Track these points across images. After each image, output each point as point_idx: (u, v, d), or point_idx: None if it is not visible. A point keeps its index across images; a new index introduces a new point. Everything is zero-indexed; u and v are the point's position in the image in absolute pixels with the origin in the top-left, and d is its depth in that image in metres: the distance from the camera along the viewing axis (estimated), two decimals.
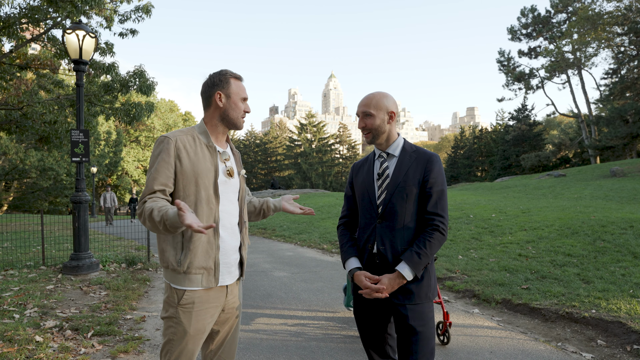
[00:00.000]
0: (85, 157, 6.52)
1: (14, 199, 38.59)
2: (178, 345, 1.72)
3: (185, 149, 1.74)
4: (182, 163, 1.71)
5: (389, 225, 1.91)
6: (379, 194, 1.96)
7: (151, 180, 1.70)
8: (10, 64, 11.00)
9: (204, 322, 1.75)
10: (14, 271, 6.37)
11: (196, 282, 1.72)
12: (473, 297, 5.12)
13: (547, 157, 41.22)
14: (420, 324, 1.86)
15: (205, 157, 1.78)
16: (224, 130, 1.89)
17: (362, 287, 1.89)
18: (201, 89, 1.88)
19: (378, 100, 1.97)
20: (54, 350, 3.29)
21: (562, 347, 3.56)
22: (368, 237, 1.97)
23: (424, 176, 1.91)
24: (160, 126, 53.67)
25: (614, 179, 20.27)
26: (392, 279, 1.84)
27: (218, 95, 1.83)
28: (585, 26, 34.68)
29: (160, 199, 1.67)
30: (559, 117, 53.55)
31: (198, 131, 1.83)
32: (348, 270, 2.00)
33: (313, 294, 5.40)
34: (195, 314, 1.72)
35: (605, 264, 5.72)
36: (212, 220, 1.76)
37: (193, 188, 1.73)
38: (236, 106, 1.85)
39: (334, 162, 64.47)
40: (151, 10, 10.68)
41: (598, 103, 37.83)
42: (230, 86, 1.84)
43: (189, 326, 1.71)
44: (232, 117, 1.85)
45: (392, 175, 1.95)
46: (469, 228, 9.17)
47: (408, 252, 1.86)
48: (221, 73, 1.86)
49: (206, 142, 1.81)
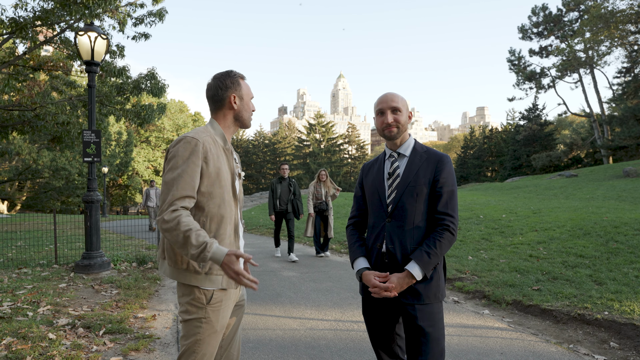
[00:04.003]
0: (97, 157, 6.60)
1: (27, 198, 39.19)
2: (206, 345, 1.74)
3: (211, 150, 1.75)
4: (209, 165, 1.72)
5: (399, 224, 1.91)
6: (389, 193, 1.96)
7: (182, 183, 1.64)
8: (24, 66, 11.17)
9: (226, 318, 1.82)
10: (27, 269, 6.47)
11: (217, 283, 1.75)
12: (483, 298, 5.09)
13: (559, 157, 40.70)
14: (429, 324, 1.84)
15: (223, 159, 1.80)
16: (234, 130, 1.93)
17: (371, 286, 1.88)
18: (210, 92, 1.86)
19: (402, 99, 2.02)
20: (66, 348, 3.34)
21: (574, 349, 3.52)
22: (377, 236, 1.97)
23: (435, 176, 1.91)
24: (170, 127, 54.08)
25: (627, 179, 19.96)
26: (401, 278, 1.83)
27: (233, 97, 1.86)
28: (597, 24, 34.16)
29: (189, 213, 1.65)
30: (570, 116, 52.87)
31: (214, 133, 1.84)
32: (356, 270, 2.00)
33: (322, 293, 5.41)
34: (222, 311, 1.77)
35: (618, 265, 5.64)
36: (232, 221, 1.82)
37: (217, 190, 1.74)
38: (248, 107, 1.92)
39: (342, 162, 64.38)
40: (165, 15, 10.75)
41: (611, 102, 37.30)
42: (242, 88, 1.89)
43: (216, 323, 1.75)
44: (245, 117, 1.92)
45: (403, 175, 1.95)
46: (479, 228, 9.10)
47: (418, 251, 1.85)
48: (230, 75, 1.87)
49: (223, 144, 1.83)
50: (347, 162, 65.39)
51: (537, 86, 43.81)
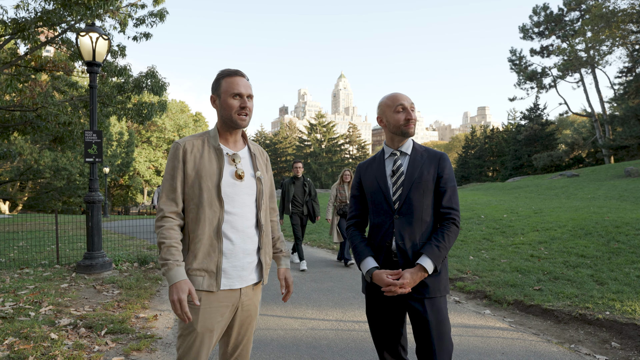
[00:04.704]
0: (99, 157, 6.61)
1: (28, 198, 39.25)
2: (187, 341, 1.75)
3: (192, 152, 1.80)
4: (187, 166, 1.78)
5: (408, 220, 1.94)
6: (394, 190, 2.00)
7: (166, 186, 1.81)
8: (26, 67, 11.19)
9: (212, 321, 1.76)
10: (29, 270, 6.49)
11: (197, 284, 1.75)
12: (484, 298, 5.09)
13: (560, 157, 40.64)
14: (437, 318, 1.88)
15: (212, 159, 1.80)
16: (230, 131, 1.89)
17: (384, 285, 1.87)
18: None
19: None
20: (68, 348, 3.35)
21: (576, 349, 3.52)
22: (385, 233, 1.98)
23: (439, 173, 1.99)
24: (171, 127, 54.15)
25: (628, 179, 19.93)
26: (414, 273, 1.86)
27: (212, 98, 1.89)
28: (598, 24, 34.12)
29: (175, 218, 1.78)
30: (572, 116, 52.83)
31: (210, 134, 1.89)
32: (366, 271, 1.97)
33: (323, 293, 5.41)
34: (202, 313, 1.74)
35: (620, 265, 5.64)
36: (214, 222, 1.76)
37: (196, 191, 1.77)
38: (226, 104, 1.82)
39: (343, 163, 64.39)
40: (165, 16, 10.79)
41: (612, 102, 37.21)
42: (220, 86, 1.85)
43: (196, 323, 1.74)
44: (226, 116, 1.84)
45: (407, 172, 1.99)
46: (480, 228, 9.10)
47: (428, 245, 1.89)
48: (217, 75, 1.89)
49: (214, 144, 1.85)
50: (348, 162, 65.37)
51: (538, 86, 43.76)
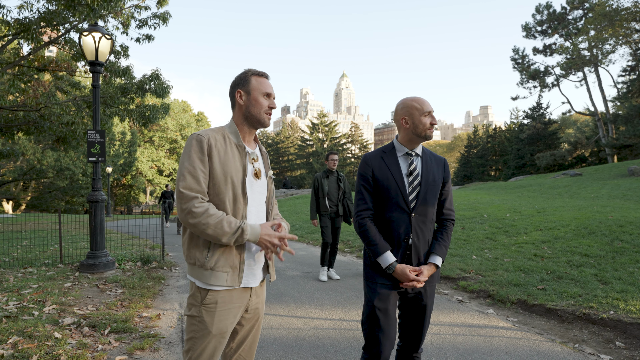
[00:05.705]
0: (102, 157, 6.62)
1: (31, 198, 39.42)
2: (200, 344, 1.74)
3: (216, 147, 1.74)
4: (213, 161, 1.72)
5: (422, 219, 2.11)
6: (411, 189, 2.11)
7: (190, 177, 1.69)
8: (29, 67, 11.23)
9: (227, 323, 1.76)
10: (32, 269, 6.51)
11: (221, 280, 1.73)
12: (487, 297, 5.07)
13: (563, 156, 40.50)
14: (431, 302, 2.16)
15: (235, 156, 1.78)
16: (249, 129, 1.88)
17: (406, 281, 2.02)
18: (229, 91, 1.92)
19: None
20: (72, 347, 3.36)
21: (580, 349, 3.51)
22: (403, 230, 2.08)
23: (444, 178, 2.20)
24: (173, 126, 54.25)
25: (632, 178, 19.84)
26: (430, 270, 2.08)
27: (238, 93, 1.85)
28: (601, 22, 33.94)
29: (208, 202, 1.70)
30: (575, 115, 52.63)
31: (228, 130, 1.85)
32: (388, 264, 2.04)
33: (326, 293, 5.41)
34: (218, 314, 1.73)
35: (624, 265, 5.61)
36: (239, 218, 1.77)
37: (223, 187, 1.73)
38: (257, 102, 1.83)
39: (345, 162, 64.39)
40: (168, 19, 10.83)
41: (615, 101, 37.04)
42: (250, 83, 1.84)
43: (211, 326, 1.73)
44: (254, 113, 1.83)
45: (422, 174, 2.14)
46: (482, 228, 9.08)
47: (437, 244, 2.13)
48: (243, 72, 1.88)
49: (236, 141, 1.82)
50: (350, 162, 65.35)
51: (541, 85, 43.60)
